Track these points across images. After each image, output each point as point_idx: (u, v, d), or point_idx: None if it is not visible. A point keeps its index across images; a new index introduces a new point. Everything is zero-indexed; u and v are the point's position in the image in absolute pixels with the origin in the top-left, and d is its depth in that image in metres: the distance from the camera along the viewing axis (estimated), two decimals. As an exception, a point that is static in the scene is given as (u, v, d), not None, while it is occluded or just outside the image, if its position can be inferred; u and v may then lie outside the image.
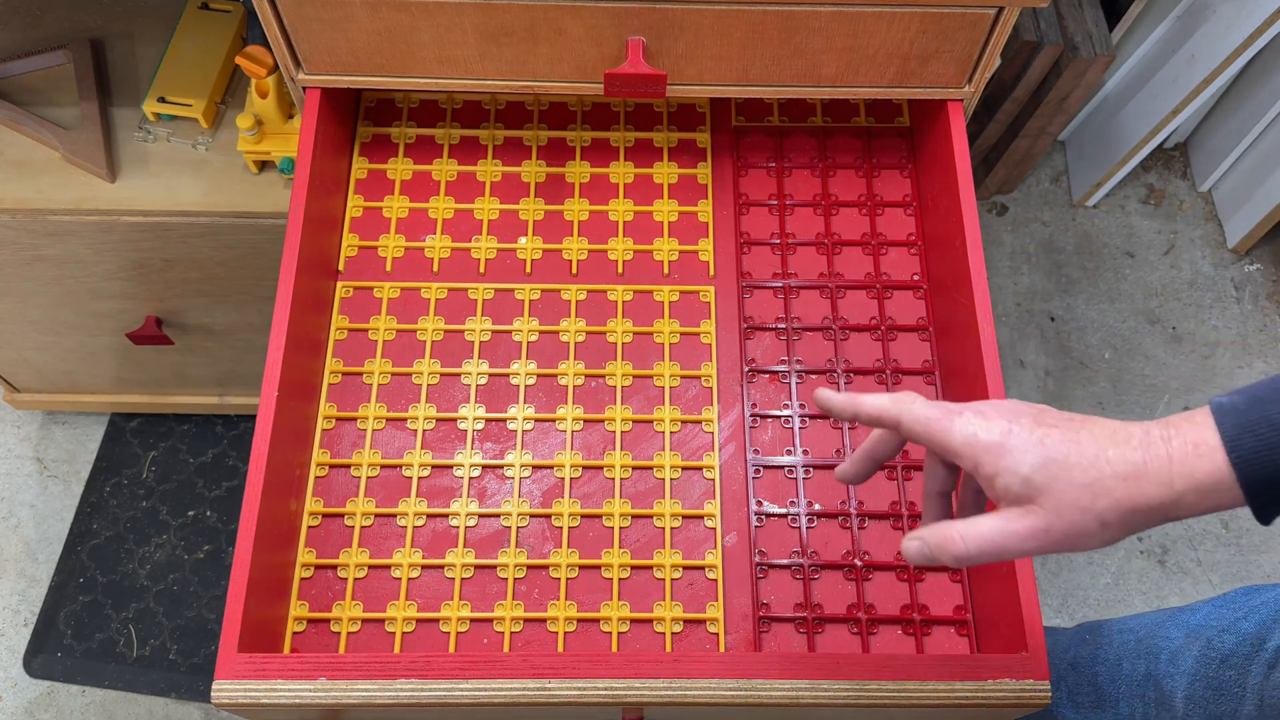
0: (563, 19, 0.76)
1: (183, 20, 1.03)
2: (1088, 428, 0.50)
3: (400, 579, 0.75)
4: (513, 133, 0.92)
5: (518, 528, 0.77)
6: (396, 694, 0.64)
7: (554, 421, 0.81)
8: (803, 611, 0.75)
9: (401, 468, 0.79)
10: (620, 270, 0.87)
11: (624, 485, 0.79)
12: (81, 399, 1.37)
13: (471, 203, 0.89)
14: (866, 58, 0.80)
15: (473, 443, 0.80)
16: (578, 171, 0.90)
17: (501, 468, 0.79)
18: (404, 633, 0.74)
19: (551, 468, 0.79)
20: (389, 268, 0.86)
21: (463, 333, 0.84)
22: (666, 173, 0.91)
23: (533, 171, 0.90)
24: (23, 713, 1.32)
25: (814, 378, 0.83)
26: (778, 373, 0.83)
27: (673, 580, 0.76)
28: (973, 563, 0.50)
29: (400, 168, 0.90)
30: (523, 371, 0.82)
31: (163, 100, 1.00)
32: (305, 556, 0.76)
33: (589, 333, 0.84)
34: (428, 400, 0.81)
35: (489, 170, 0.90)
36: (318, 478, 0.78)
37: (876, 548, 0.77)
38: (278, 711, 0.65)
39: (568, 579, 0.76)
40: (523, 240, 0.87)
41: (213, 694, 0.64)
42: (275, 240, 1.02)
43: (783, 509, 0.78)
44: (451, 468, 0.79)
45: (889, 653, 0.73)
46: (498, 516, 0.77)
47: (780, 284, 0.86)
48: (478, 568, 0.76)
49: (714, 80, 0.81)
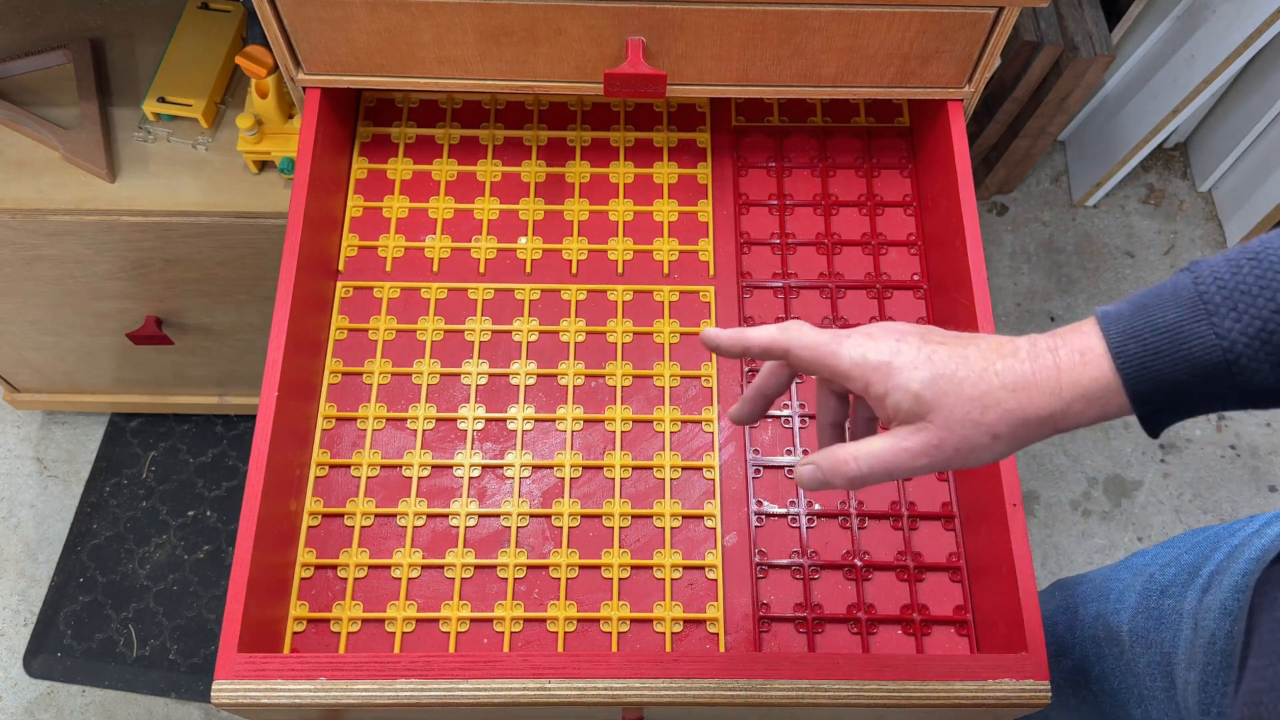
0: (563, 19, 0.76)
1: (183, 20, 1.04)
2: (975, 343, 0.50)
3: (400, 579, 0.75)
4: (513, 133, 0.92)
5: (518, 528, 0.77)
6: (396, 694, 0.64)
7: (554, 421, 0.81)
8: (803, 611, 0.75)
9: (401, 468, 0.79)
10: (620, 270, 0.87)
11: (624, 485, 0.79)
12: (81, 399, 1.37)
13: (471, 203, 0.89)
14: (866, 58, 0.80)
15: (473, 443, 0.80)
16: (578, 171, 0.90)
17: (501, 468, 0.79)
18: (404, 633, 0.74)
19: (551, 468, 0.79)
20: (389, 268, 0.86)
21: (463, 333, 0.84)
22: (666, 173, 0.91)
23: (533, 171, 0.90)
24: (23, 713, 1.32)
25: (814, 378, 0.83)
26: (778, 373, 0.83)
27: (673, 580, 0.76)
28: (866, 483, 0.50)
29: (400, 168, 0.90)
30: (523, 371, 0.82)
31: (163, 100, 1.00)
32: (305, 556, 0.76)
33: (589, 333, 0.84)
34: (428, 400, 0.81)
35: (489, 170, 0.90)
36: (318, 478, 0.78)
37: (876, 548, 0.77)
38: (278, 711, 0.65)
39: (568, 579, 0.76)
40: (523, 240, 0.88)
41: (213, 694, 0.64)
42: (275, 240, 1.02)
43: (783, 509, 0.78)
44: (451, 468, 0.79)
45: (889, 653, 0.73)
46: (498, 516, 0.77)
47: (780, 284, 0.86)
48: (478, 568, 0.76)
49: (714, 80, 0.81)
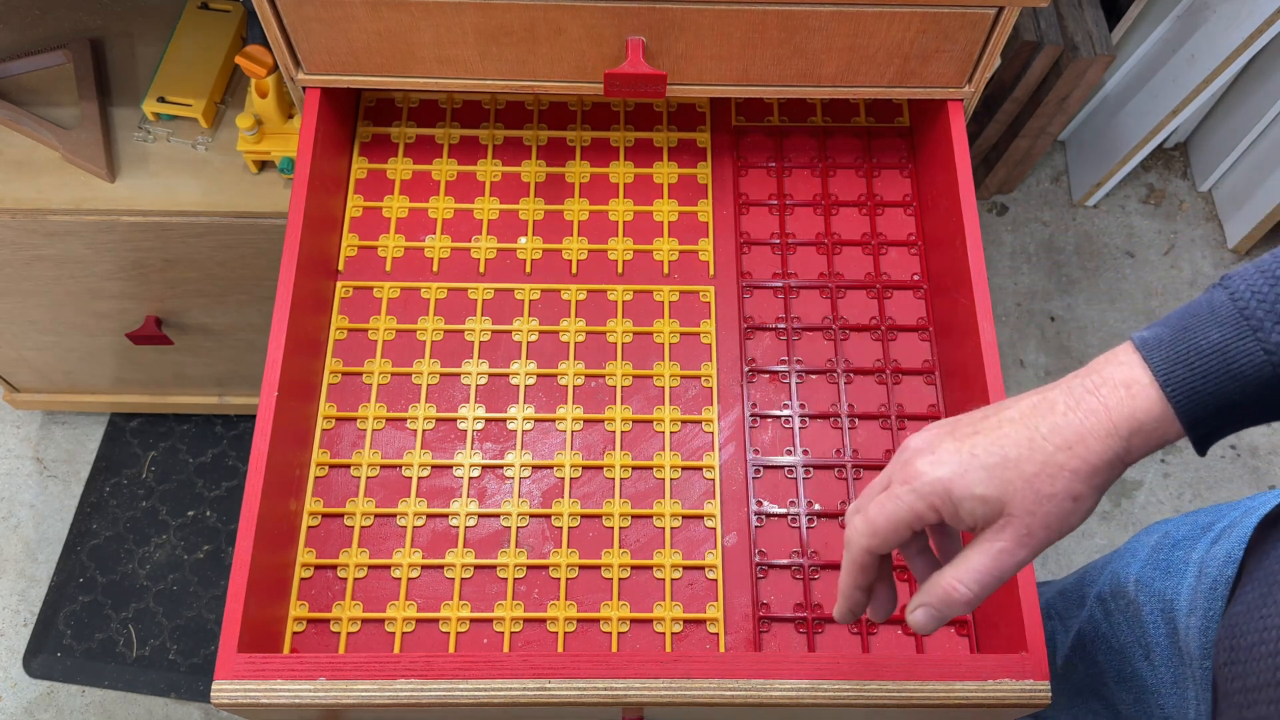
0: (563, 19, 0.76)
1: (183, 20, 1.03)
2: (1008, 415, 0.48)
3: (400, 579, 0.75)
4: (513, 133, 0.92)
5: (518, 528, 0.77)
6: (396, 694, 0.64)
7: (554, 421, 0.81)
8: (803, 611, 0.75)
9: (401, 468, 0.79)
10: (620, 270, 0.87)
11: (624, 485, 0.79)
12: (81, 399, 1.37)
13: (471, 203, 0.89)
14: (866, 58, 0.80)
15: (473, 443, 0.80)
16: (578, 171, 0.90)
17: (501, 468, 0.79)
18: (404, 633, 0.74)
19: (551, 468, 0.79)
20: (389, 268, 0.86)
21: (463, 333, 0.84)
22: (666, 173, 0.91)
23: (533, 171, 0.90)
24: (23, 713, 1.32)
25: (814, 378, 0.83)
26: (778, 373, 0.83)
27: (673, 580, 0.76)
28: (981, 600, 0.48)
29: (400, 168, 0.90)
30: (523, 371, 0.82)
31: (163, 100, 1.00)
32: (305, 556, 0.76)
33: (589, 333, 0.84)
34: (428, 400, 0.81)
35: (489, 170, 0.90)
36: (318, 478, 0.78)
37: (876, 548, 0.77)
38: (278, 711, 0.65)
39: (568, 579, 0.76)
40: (523, 240, 0.87)
41: (213, 694, 0.64)
42: (275, 240, 1.02)
43: (783, 509, 0.78)
44: (451, 468, 0.79)
45: (889, 653, 0.73)
46: (498, 516, 0.77)
47: (780, 284, 0.86)
48: (478, 568, 0.76)
49: (714, 80, 0.81)
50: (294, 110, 0.97)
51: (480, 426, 0.80)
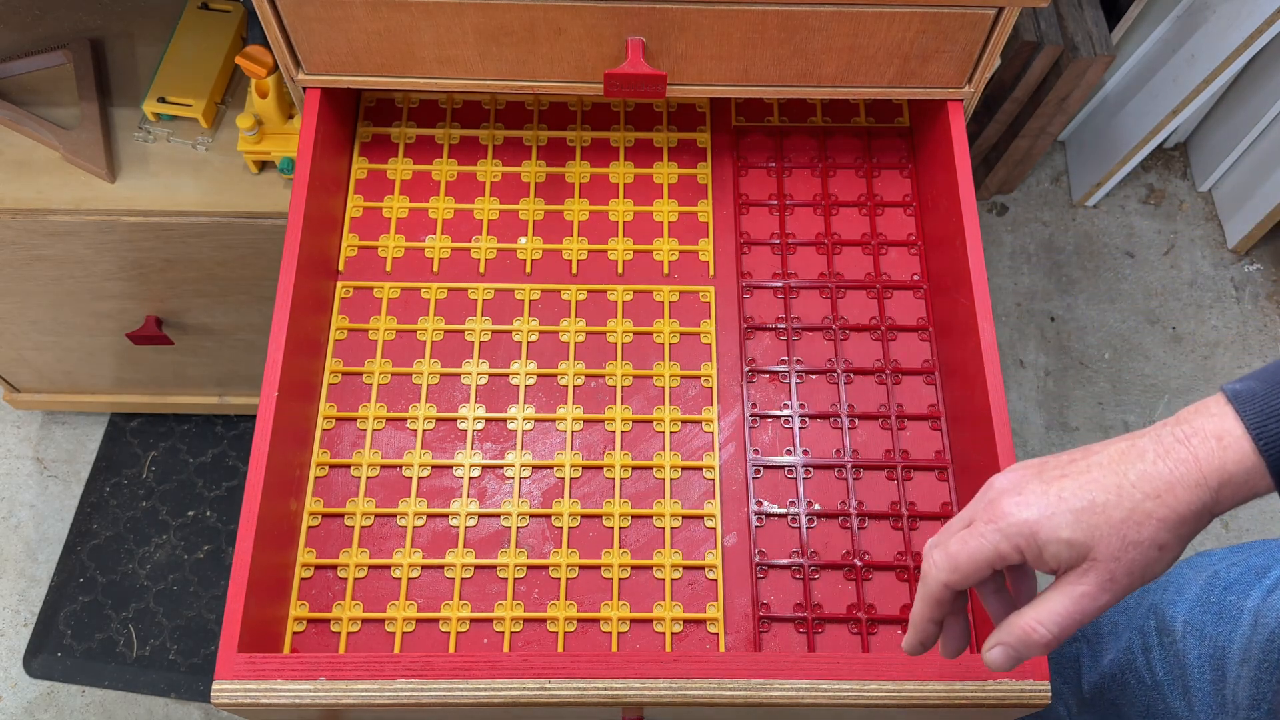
0: (563, 19, 0.76)
1: (183, 20, 1.03)
2: (1098, 460, 0.48)
3: (400, 579, 0.75)
4: (513, 133, 0.92)
5: (518, 528, 0.77)
6: (396, 694, 0.64)
7: (554, 421, 0.81)
8: (803, 611, 0.75)
9: (401, 468, 0.79)
10: (620, 270, 0.87)
11: (624, 485, 0.79)
12: (81, 399, 1.37)
13: (471, 203, 0.89)
14: (866, 58, 0.80)
15: (473, 443, 0.80)
16: (578, 171, 0.90)
17: (501, 468, 0.79)
18: (404, 633, 0.74)
19: (551, 468, 0.79)
20: (389, 268, 0.86)
21: (463, 333, 0.84)
22: (666, 173, 0.91)
23: (533, 171, 0.90)
24: (23, 713, 1.32)
25: (814, 378, 0.83)
26: (778, 373, 0.83)
27: (673, 580, 0.76)
28: (1060, 642, 0.48)
29: (400, 168, 0.90)
30: (523, 371, 0.82)
31: (163, 100, 1.00)
32: (305, 556, 0.76)
33: (589, 333, 0.84)
34: (428, 400, 0.81)
35: (489, 170, 0.90)
36: (318, 478, 0.78)
37: (876, 548, 0.77)
38: (278, 711, 0.65)
39: (568, 579, 0.76)
40: (523, 240, 0.88)
41: (213, 694, 0.64)
42: (275, 240, 1.02)
43: (783, 509, 0.78)
44: (451, 468, 0.79)
45: (889, 653, 0.73)
46: (498, 516, 0.77)
47: (780, 284, 0.86)
48: (478, 568, 0.76)
49: (714, 80, 0.81)
50: (294, 110, 0.97)
51: (480, 426, 0.80)
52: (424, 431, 0.80)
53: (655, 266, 0.87)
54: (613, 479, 0.79)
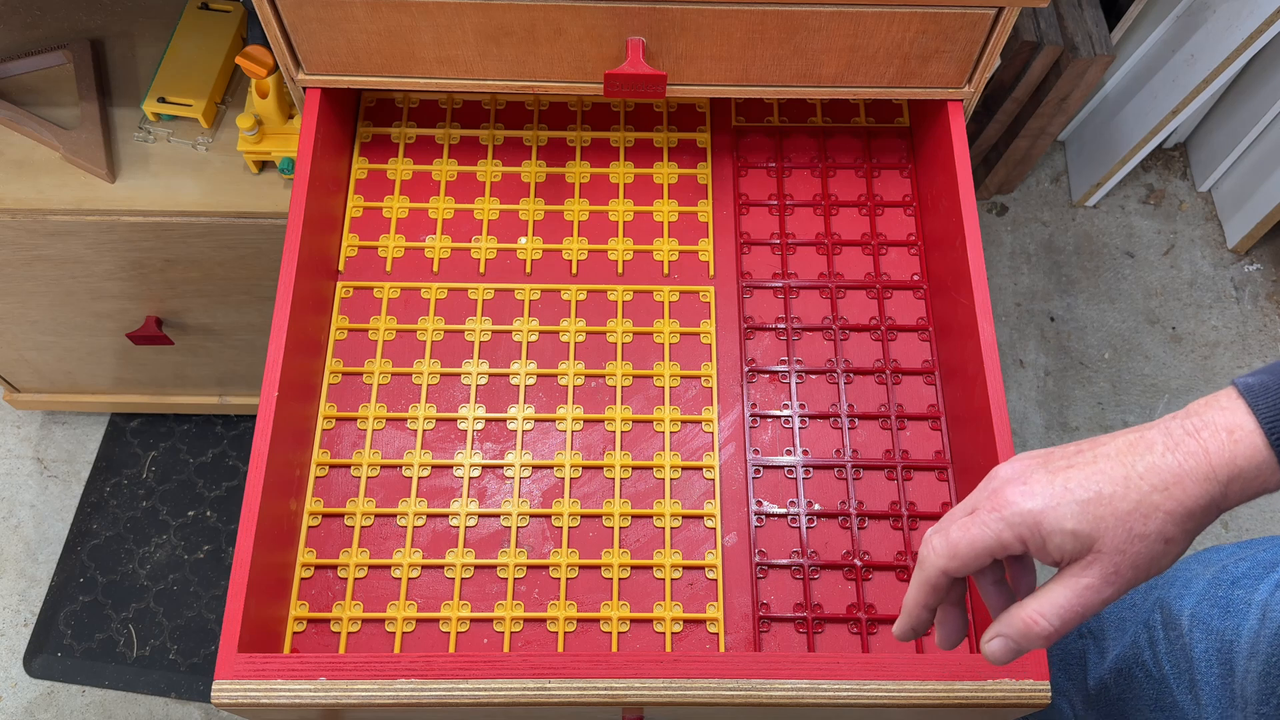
0: (563, 19, 0.76)
1: (183, 20, 1.04)
2: (1104, 451, 0.47)
3: (400, 579, 0.75)
4: (513, 133, 0.92)
5: (518, 528, 0.77)
6: (396, 694, 0.64)
7: (554, 421, 0.81)
8: (803, 611, 0.75)
9: (401, 468, 0.79)
10: (620, 270, 0.87)
11: (624, 485, 0.79)
12: (81, 399, 1.37)
13: (471, 203, 0.89)
14: (866, 58, 0.80)
15: (473, 443, 0.80)
16: (578, 171, 0.90)
17: (501, 468, 0.79)
18: (404, 633, 0.74)
19: (551, 468, 0.79)
20: (389, 268, 0.86)
21: (463, 333, 0.84)
22: (666, 173, 0.91)
23: (533, 171, 0.90)
24: (23, 713, 1.32)
25: (814, 378, 0.83)
26: (778, 373, 0.83)
27: (673, 580, 0.76)
28: (1061, 636, 0.48)
29: (400, 168, 0.90)
30: (523, 371, 0.82)
31: (163, 100, 1.00)
32: (305, 556, 0.76)
33: (589, 333, 0.84)
34: (428, 400, 0.81)
35: (489, 170, 0.90)
36: (318, 478, 0.78)
37: (876, 548, 0.77)
38: (278, 711, 0.65)
39: (568, 579, 0.76)
40: (523, 240, 0.88)
41: (213, 694, 0.64)
42: (275, 240, 1.02)
43: (783, 509, 0.78)
44: (451, 468, 0.79)
45: (889, 653, 0.73)
46: (498, 516, 0.77)
47: (780, 284, 0.86)
48: (478, 568, 0.76)
49: (714, 80, 0.81)
50: (294, 110, 0.97)
51: (480, 426, 0.80)
52: (424, 431, 0.80)
53: (655, 266, 0.87)
54: (613, 479, 0.79)
